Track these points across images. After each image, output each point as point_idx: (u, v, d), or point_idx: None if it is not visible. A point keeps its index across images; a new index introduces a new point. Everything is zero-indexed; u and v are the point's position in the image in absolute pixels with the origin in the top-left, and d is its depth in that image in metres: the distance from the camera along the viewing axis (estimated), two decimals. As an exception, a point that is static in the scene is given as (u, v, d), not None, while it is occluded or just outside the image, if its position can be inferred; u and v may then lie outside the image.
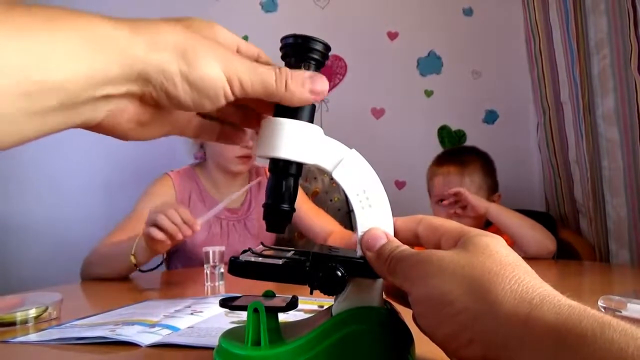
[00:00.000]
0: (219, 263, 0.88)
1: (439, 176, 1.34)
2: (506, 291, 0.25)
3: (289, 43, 0.35)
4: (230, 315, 0.57)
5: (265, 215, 0.36)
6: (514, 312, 0.25)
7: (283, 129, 0.34)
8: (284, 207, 0.36)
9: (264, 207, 0.36)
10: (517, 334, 0.24)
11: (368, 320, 0.34)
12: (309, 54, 0.35)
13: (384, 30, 1.88)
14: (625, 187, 1.13)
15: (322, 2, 1.89)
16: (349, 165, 0.36)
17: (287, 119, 0.35)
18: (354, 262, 0.35)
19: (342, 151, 0.36)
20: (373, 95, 1.87)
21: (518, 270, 0.27)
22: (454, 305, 0.27)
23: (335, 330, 0.34)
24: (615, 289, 0.75)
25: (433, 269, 0.29)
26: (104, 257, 1.00)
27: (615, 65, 1.12)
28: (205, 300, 0.67)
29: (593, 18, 1.15)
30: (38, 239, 1.68)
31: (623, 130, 1.12)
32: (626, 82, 1.10)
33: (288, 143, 0.34)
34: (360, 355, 0.34)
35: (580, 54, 1.23)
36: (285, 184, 0.36)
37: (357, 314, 0.34)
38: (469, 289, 0.27)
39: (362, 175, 0.36)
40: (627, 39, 1.08)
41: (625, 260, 1.13)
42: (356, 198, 0.36)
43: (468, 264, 0.28)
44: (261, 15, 1.86)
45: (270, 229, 0.36)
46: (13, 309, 0.58)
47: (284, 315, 0.38)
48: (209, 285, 0.87)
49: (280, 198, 0.36)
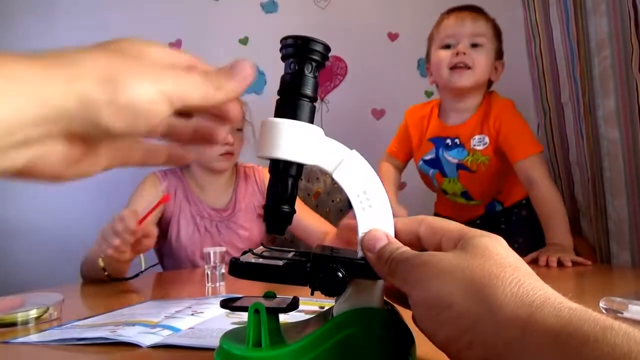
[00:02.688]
0: (219, 264, 0.88)
1: (451, 17, 1.23)
2: (506, 294, 0.25)
3: (288, 44, 0.35)
4: (231, 315, 0.56)
5: (266, 217, 0.36)
6: (514, 315, 0.24)
7: (282, 129, 0.34)
8: (284, 208, 0.35)
9: (264, 208, 0.36)
10: (517, 338, 0.24)
11: (369, 321, 0.34)
12: (310, 55, 0.35)
13: (384, 31, 1.88)
14: (626, 188, 1.13)
15: (322, 3, 1.89)
16: (349, 166, 0.36)
17: (287, 120, 0.34)
18: (354, 263, 0.35)
19: (342, 152, 0.36)
20: (373, 96, 1.87)
21: (518, 272, 0.27)
22: (453, 309, 0.27)
23: (336, 331, 0.34)
24: (617, 290, 0.75)
25: (432, 271, 0.29)
26: (89, 262, 0.99)
27: (616, 66, 1.11)
28: (206, 301, 0.67)
29: (594, 18, 1.15)
30: (38, 240, 1.68)
31: (624, 131, 1.12)
32: (627, 82, 1.10)
33: (288, 144, 0.34)
34: (361, 356, 0.34)
35: (581, 54, 1.22)
36: (285, 185, 0.35)
37: (357, 315, 0.34)
38: (468, 292, 0.26)
39: (363, 176, 0.36)
40: (628, 40, 1.08)
41: (627, 261, 1.13)
42: (357, 199, 0.36)
43: (467, 267, 0.27)
44: (262, 16, 1.87)
45: (270, 231, 0.36)
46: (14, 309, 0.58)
47: (284, 316, 0.38)
48: (209, 286, 0.87)
49: (280, 199, 0.35)
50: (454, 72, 1.19)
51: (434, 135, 1.32)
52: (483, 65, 1.19)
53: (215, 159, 1.25)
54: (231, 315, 0.57)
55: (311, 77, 0.36)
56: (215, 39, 1.84)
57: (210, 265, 0.88)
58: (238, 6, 1.85)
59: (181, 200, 1.27)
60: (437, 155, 1.31)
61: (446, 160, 1.29)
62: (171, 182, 1.28)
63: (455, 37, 1.20)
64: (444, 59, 1.20)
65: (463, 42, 1.18)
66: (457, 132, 1.27)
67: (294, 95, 0.36)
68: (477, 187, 1.32)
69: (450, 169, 1.30)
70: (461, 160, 1.27)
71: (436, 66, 1.23)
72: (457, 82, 1.19)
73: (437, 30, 1.26)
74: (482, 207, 1.37)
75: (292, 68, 0.36)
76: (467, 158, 1.26)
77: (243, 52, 1.86)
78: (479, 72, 1.19)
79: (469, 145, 1.26)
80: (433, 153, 1.32)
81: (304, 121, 0.35)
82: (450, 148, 1.28)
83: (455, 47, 1.19)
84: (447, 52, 1.20)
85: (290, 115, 0.35)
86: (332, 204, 1.63)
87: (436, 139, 1.31)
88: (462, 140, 1.27)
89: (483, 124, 1.24)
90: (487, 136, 1.24)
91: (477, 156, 1.25)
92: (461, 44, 1.18)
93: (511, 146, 1.20)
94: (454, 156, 1.28)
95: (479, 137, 1.24)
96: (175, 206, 1.26)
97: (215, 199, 1.31)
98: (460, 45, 1.18)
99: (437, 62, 1.23)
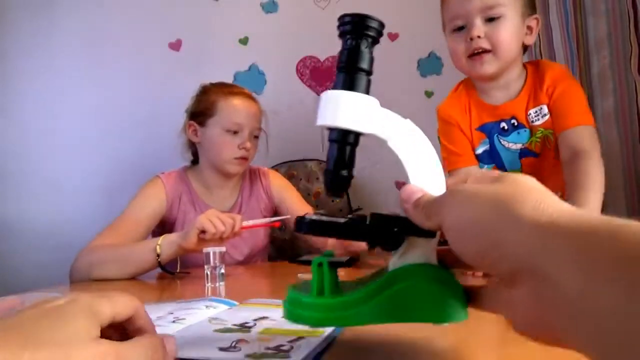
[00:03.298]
0: (219, 264, 0.89)
1: None
2: (529, 209, 0.27)
3: (346, 22, 0.39)
4: (215, 323, 0.54)
5: (326, 181, 0.40)
6: (536, 222, 0.26)
7: (341, 100, 0.38)
8: (342, 173, 0.39)
9: (325, 173, 0.40)
10: (539, 239, 0.25)
11: (421, 275, 0.36)
12: (366, 31, 0.39)
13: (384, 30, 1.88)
14: (625, 188, 1.13)
15: (322, 3, 1.89)
16: (403, 134, 0.39)
17: (345, 91, 0.38)
18: (409, 221, 0.37)
19: (397, 121, 0.39)
20: (373, 96, 1.87)
21: (544, 195, 0.28)
22: (480, 225, 0.28)
23: (391, 283, 0.37)
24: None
25: (462, 197, 0.31)
26: (118, 257, 1.01)
27: (614, 66, 1.12)
28: (189, 305, 0.64)
29: (593, 19, 1.15)
30: (37, 240, 1.68)
31: (622, 131, 1.12)
32: (626, 82, 1.10)
33: (346, 113, 0.38)
34: (414, 307, 0.36)
35: (580, 54, 1.23)
36: (343, 151, 0.39)
37: (411, 270, 0.37)
38: (494, 209, 0.28)
39: (415, 144, 0.39)
40: (627, 40, 1.08)
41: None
42: (410, 165, 0.39)
43: (495, 190, 0.29)
44: (262, 16, 1.87)
45: (330, 194, 0.40)
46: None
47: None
48: (209, 286, 0.87)
49: (339, 164, 0.39)
50: (474, 61, 0.99)
51: (483, 122, 1.08)
52: (508, 40, 0.97)
53: (230, 162, 1.24)
54: (214, 321, 0.54)
55: (367, 52, 0.40)
56: (215, 39, 1.84)
57: (210, 266, 0.88)
58: (238, 6, 1.85)
59: (186, 205, 1.25)
60: (492, 144, 1.08)
61: (505, 148, 1.08)
62: (175, 187, 1.25)
63: (464, 17, 0.97)
64: (458, 46, 1.00)
65: (475, 22, 0.96)
66: (512, 110, 1.05)
67: (352, 69, 0.39)
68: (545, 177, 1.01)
69: (511, 158, 1.08)
70: (524, 144, 1.05)
71: (453, 56, 1.04)
72: (479, 71, 1.01)
73: (443, 10, 1.05)
74: None
75: (349, 44, 0.39)
76: (532, 139, 1.04)
77: (243, 52, 1.86)
78: (503, 51, 0.98)
79: (529, 123, 1.04)
80: (486, 144, 1.09)
81: (361, 92, 0.38)
82: (507, 133, 1.06)
83: (467, 29, 0.98)
84: (460, 37, 1.00)
85: (348, 87, 0.38)
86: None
87: (487, 126, 1.08)
88: (519, 119, 1.05)
89: (537, 94, 1.03)
90: (544, 105, 1.02)
91: (541, 132, 1.03)
92: (474, 27, 0.96)
93: (561, 113, 1.00)
94: (515, 141, 1.06)
95: (536, 110, 1.03)
96: (179, 211, 1.24)
97: (221, 202, 1.29)
98: (474, 30, 0.96)
99: (453, 51, 1.03)
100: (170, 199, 1.23)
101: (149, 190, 1.23)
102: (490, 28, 0.95)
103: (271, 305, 0.63)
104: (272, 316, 0.55)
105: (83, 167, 1.74)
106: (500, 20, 0.95)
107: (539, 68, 1.04)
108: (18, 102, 1.72)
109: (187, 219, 1.24)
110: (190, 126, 1.29)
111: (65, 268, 1.04)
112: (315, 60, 1.90)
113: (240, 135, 1.23)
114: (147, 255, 0.98)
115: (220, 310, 0.61)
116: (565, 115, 0.98)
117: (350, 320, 0.37)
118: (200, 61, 1.81)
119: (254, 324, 0.52)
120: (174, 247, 0.98)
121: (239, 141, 1.22)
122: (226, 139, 1.23)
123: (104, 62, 1.76)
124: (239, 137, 1.23)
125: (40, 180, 1.71)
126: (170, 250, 0.98)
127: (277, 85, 1.83)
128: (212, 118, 1.24)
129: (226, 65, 1.83)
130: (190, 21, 1.82)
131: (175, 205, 1.24)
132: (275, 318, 0.54)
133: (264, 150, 1.37)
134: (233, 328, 0.50)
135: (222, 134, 1.23)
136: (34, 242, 1.67)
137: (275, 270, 1.20)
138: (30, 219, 1.69)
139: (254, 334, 0.48)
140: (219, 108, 1.24)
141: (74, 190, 1.73)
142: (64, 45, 1.74)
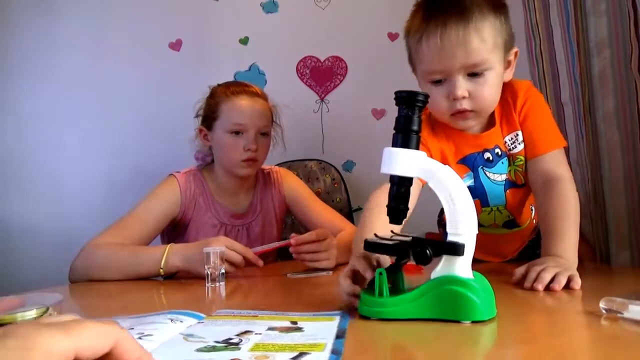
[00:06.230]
0: (219, 264, 0.88)
1: (431, 37, 0.83)
2: None
3: (402, 96, 0.58)
4: (192, 340, 0.49)
5: (389, 213, 0.60)
6: None
7: (399, 155, 0.58)
8: (401, 207, 0.60)
9: (388, 208, 0.60)
10: None
11: (455, 283, 0.55)
12: (415, 103, 0.58)
13: (384, 31, 1.88)
14: (626, 188, 1.13)
15: (322, 3, 1.89)
16: (439, 177, 0.58)
17: (401, 149, 0.58)
18: (439, 243, 0.57)
19: (437, 167, 0.58)
20: (373, 96, 1.87)
21: None
22: None
23: (432, 288, 0.56)
24: (617, 290, 0.75)
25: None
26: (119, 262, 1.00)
27: (615, 66, 1.11)
28: (150, 319, 0.57)
29: (593, 19, 1.15)
30: (39, 240, 1.68)
31: (623, 131, 1.12)
32: (627, 82, 1.10)
33: (402, 165, 0.58)
34: (451, 306, 0.55)
35: (581, 54, 1.22)
36: (400, 191, 0.60)
37: (445, 279, 0.56)
38: None
39: (449, 184, 0.57)
40: (628, 40, 1.08)
41: (626, 261, 1.13)
42: (445, 200, 0.57)
43: None
44: (262, 16, 1.87)
45: (393, 222, 0.61)
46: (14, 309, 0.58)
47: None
48: (209, 286, 0.87)
49: (399, 201, 0.60)
50: (456, 118, 0.90)
51: (465, 154, 0.97)
52: (493, 96, 0.89)
53: (238, 165, 1.20)
54: (191, 339, 0.49)
55: (416, 117, 0.58)
56: (215, 39, 1.84)
57: (210, 266, 0.88)
58: (238, 6, 1.85)
59: (201, 206, 1.23)
60: (477, 178, 0.98)
61: (490, 181, 0.98)
62: (191, 187, 1.22)
63: (445, 73, 0.85)
64: (439, 101, 0.88)
65: (458, 79, 0.85)
66: (495, 138, 0.96)
67: (406, 130, 0.58)
68: (523, 205, 1.03)
69: (496, 193, 0.99)
70: (509, 175, 0.98)
71: (433, 107, 0.91)
72: (461, 126, 0.93)
73: (417, 60, 0.90)
74: (527, 232, 1.09)
75: (404, 112, 0.58)
76: (510, 168, 0.97)
77: (243, 52, 1.86)
78: (488, 108, 0.91)
79: (508, 151, 0.97)
80: (470, 177, 0.98)
81: (412, 148, 0.58)
82: (492, 164, 0.97)
83: (448, 83, 0.86)
84: (441, 91, 0.87)
85: (404, 145, 0.58)
86: (332, 204, 1.63)
87: (470, 158, 0.97)
88: (502, 147, 0.96)
89: (510, 117, 0.95)
90: (519, 131, 0.95)
91: (520, 160, 0.96)
92: (457, 87, 0.85)
93: (535, 138, 0.93)
94: (500, 171, 0.97)
95: (511, 137, 0.95)
96: (195, 212, 1.22)
97: (236, 204, 1.27)
98: (457, 90, 0.85)
99: (433, 103, 0.88)
100: (185, 200, 1.20)
101: (163, 191, 1.19)
102: (473, 85, 0.85)
103: (246, 317, 0.58)
104: (255, 329, 0.51)
105: (83, 167, 1.74)
106: (484, 75, 0.85)
107: (508, 90, 0.95)
108: (19, 102, 1.71)
109: (202, 221, 1.22)
110: (201, 131, 1.27)
111: (65, 268, 1.04)
112: (315, 60, 1.90)
113: (244, 136, 1.19)
114: (149, 267, 0.98)
115: (189, 325, 0.56)
116: (537, 140, 0.93)
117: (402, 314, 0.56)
118: (200, 61, 1.81)
119: (239, 340, 0.47)
120: (178, 268, 0.99)
121: (244, 142, 1.18)
122: (230, 141, 1.19)
123: (104, 62, 1.76)
124: (243, 138, 1.19)
125: (40, 180, 1.71)
126: (173, 269, 0.99)
127: (277, 85, 1.82)
128: (217, 121, 1.22)
129: (226, 65, 1.83)
130: (190, 21, 1.82)
131: (190, 206, 1.21)
132: (260, 331, 0.50)
133: (281, 146, 1.34)
134: (218, 346, 0.46)
135: (226, 137, 1.20)
136: (34, 242, 1.67)
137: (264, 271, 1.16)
138: (31, 219, 1.69)
139: (245, 351, 0.44)
140: (221, 110, 1.21)
141: (75, 190, 1.73)
142: (64, 45, 1.74)
